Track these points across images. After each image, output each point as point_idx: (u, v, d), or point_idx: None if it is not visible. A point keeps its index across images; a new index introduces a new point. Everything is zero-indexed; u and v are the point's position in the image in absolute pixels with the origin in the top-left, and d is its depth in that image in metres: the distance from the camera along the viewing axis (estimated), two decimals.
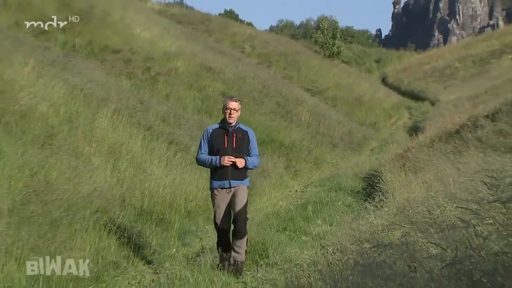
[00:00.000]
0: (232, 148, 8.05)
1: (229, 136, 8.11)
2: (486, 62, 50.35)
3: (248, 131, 8.34)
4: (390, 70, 63.75)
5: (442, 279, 3.43)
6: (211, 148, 8.18)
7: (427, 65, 60.05)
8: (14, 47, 15.42)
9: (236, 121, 8.23)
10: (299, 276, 6.28)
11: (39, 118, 11.53)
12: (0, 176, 8.61)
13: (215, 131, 8.23)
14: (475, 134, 15.17)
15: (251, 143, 8.30)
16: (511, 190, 4.33)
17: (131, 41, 24.23)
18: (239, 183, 8.15)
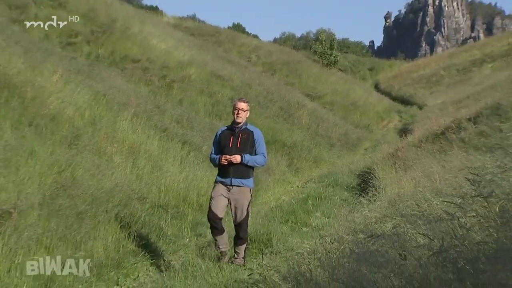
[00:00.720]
0: (236, 148, 7.79)
1: (235, 136, 7.88)
2: (468, 70, 50.24)
3: (254, 131, 8.01)
4: (382, 77, 63.55)
5: (430, 266, 3.44)
6: (219, 148, 7.97)
7: (415, 73, 59.88)
8: (44, 57, 15.46)
9: (244, 122, 7.95)
10: (300, 264, 6.28)
11: (66, 121, 11.56)
12: (31, 173, 8.65)
13: (223, 132, 8.04)
14: (458, 135, 15.16)
15: (256, 142, 7.96)
16: (491, 186, 4.33)
17: (148, 51, 24.25)
18: (241, 182, 7.82)
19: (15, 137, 9.40)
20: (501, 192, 4.26)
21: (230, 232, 8.43)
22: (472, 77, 44.95)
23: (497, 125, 13.79)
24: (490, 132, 13.59)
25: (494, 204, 4.08)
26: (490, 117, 15.45)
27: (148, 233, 9.36)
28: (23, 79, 11.84)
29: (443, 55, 75.25)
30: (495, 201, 4.09)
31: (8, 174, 8.20)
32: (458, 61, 57.29)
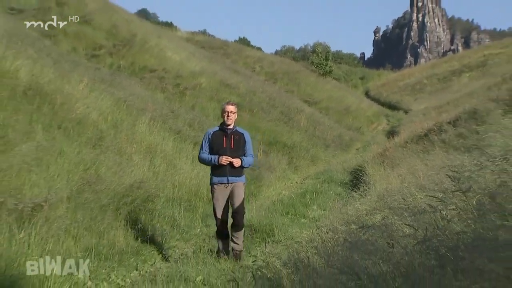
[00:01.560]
0: (230, 149, 7.60)
1: (227, 137, 7.66)
2: (448, 79, 50.21)
3: (244, 134, 7.87)
4: (372, 85, 63.59)
5: (415, 254, 3.43)
6: (211, 148, 7.69)
7: (401, 82, 59.90)
8: (72, 68, 15.48)
9: (234, 124, 7.78)
10: (299, 251, 6.27)
11: (91, 124, 11.56)
12: (60, 171, 8.66)
13: (215, 133, 7.74)
14: (440, 137, 15.13)
15: (247, 144, 7.81)
16: (469, 182, 4.32)
17: (164, 62, 24.27)
18: (236, 180, 7.68)
19: (46, 138, 9.41)
20: (478, 187, 4.25)
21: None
22: (452, 85, 44.93)
23: (474, 128, 13.76)
24: (468, 134, 13.57)
25: (472, 198, 4.07)
26: (468, 120, 15.43)
27: (163, 224, 9.37)
28: (53, 87, 11.85)
29: (425, 66, 75.29)
30: (472, 196, 4.08)
31: (40, 172, 8.21)
32: (439, 71, 57.29)
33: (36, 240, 6.50)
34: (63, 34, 22.53)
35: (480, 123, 13.84)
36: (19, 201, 6.88)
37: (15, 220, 6.56)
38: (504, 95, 16.52)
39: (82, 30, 23.66)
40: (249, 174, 14.19)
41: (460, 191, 4.18)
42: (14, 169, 7.79)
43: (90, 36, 23.46)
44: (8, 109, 9.74)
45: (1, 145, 8.36)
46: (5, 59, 11.33)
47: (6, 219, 6.44)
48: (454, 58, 67.80)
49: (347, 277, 3.65)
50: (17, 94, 10.51)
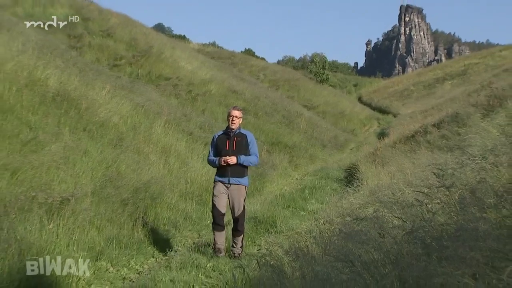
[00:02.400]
0: (232, 150, 7.25)
1: (230, 140, 7.33)
2: (433, 86, 50.10)
3: (247, 135, 7.51)
4: (364, 92, 63.40)
5: (403, 243, 3.43)
6: (216, 151, 7.40)
7: (391, 88, 59.81)
8: (95, 76, 15.50)
9: (238, 127, 7.45)
10: (299, 241, 6.26)
11: (112, 127, 11.58)
12: (85, 168, 8.67)
13: (220, 137, 7.47)
14: (425, 138, 15.09)
15: (250, 144, 7.43)
16: (452, 178, 4.32)
17: (178, 71, 24.27)
18: (237, 181, 7.31)
19: (72, 139, 9.43)
20: (459, 183, 4.25)
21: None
22: (436, 91, 44.84)
23: (456, 130, 13.73)
24: (450, 135, 13.54)
25: (454, 193, 4.06)
26: (450, 123, 15.39)
27: (177, 216, 9.38)
28: (78, 93, 11.87)
29: (412, 74, 75.13)
30: (455, 191, 4.08)
31: (67, 169, 8.23)
32: (424, 79, 57.20)
33: (63, 231, 6.52)
34: (87, 46, 22.59)
35: (461, 126, 13.81)
36: (49, 195, 6.89)
37: (45, 213, 6.57)
38: (482, 101, 16.48)
39: (105, 43, 23.71)
40: (254, 171, 14.19)
41: (444, 187, 4.17)
42: (44, 166, 7.81)
43: (112, 48, 23.50)
44: (39, 113, 9.77)
45: (33, 145, 8.38)
46: (36, 69, 11.36)
47: (37, 212, 6.46)
48: (438, 67, 67.67)
49: (342, 264, 3.65)
50: (47, 100, 10.53)
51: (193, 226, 9.46)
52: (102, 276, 6.49)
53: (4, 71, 10.18)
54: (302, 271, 4.54)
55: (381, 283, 3.11)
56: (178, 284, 6.17)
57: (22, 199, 6.55)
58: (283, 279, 4.60)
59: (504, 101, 14.24)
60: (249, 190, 12.75)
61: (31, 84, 10.61)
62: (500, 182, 4.06)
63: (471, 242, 2.79)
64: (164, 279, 6.37)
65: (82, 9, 27.35)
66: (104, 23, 25.90)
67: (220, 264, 6.79)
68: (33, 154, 8.06)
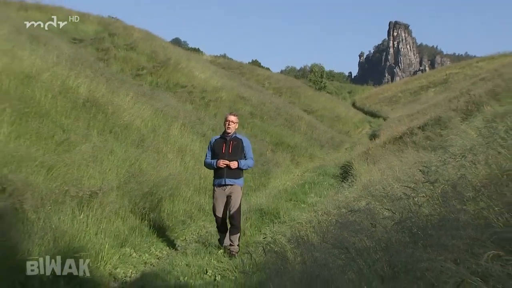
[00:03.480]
0: (228, 153, 6.89)
1: (226, 143, 6.97)
2: (418, 93, 49.86)
3: (242, 139, 7.13)
4: (358, 98, 63.24)
5: (392, 232, 3.42)
6: (213, 154, 7.03)
7: (381, 95, 59.61)
8: (120, 84, 15.53)
9: (234, 131, 7.10)
10: (300, 230, 6.26)
11: (135, 129, 11.59)
12: (111, 166, 8.68)
13: (216, 140, 7.12)
14: (411, 139, 15.06)
15: (245, 148, 7.06)
16: (435, 175, 4.30)
17: (192, 80, 24.29)
18: (233, 182, 6.90)
19: (100, 140, 9.44)
20: (442, 179, 4.23)
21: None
22: (421, 98, 44.64)
23: (438, 132, 13.70)
24: (434, 136, 13.51)
25: (438, 187, 4.05)
26: (434, 126, 15.38)
27: (192, 208, 9.38)
28: (105, 100, 11.89)
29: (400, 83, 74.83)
30: (438, 186, 4.07)
31: (95, 166, 8.24)
32: (410, 86, 56.97)
33: (92, 220, 6.53)
34: (113, 58, 22.67)
35: (443, 128, 13.78)
36: (80, 189, 6.90)
37: (77, 205, 6.59)
38: (462, 106, 16.46)
39: (129, 55, 23.78)
40: (260, 168, 14.21)
41: (428, 182, 4.16)
42: (76, 164, 7.82)
43: (135, 60, 23.56)
44: (71, 117, 9.79)
45: (65, 146, 8.40)
46: (69, 78, 11.39)
47: (69, 204, 6.48)
48: (422, 76, 67.47)
49: (338, 250, 3.64)
50: (78, 105, 10.55)
51: (206, 217, 9.46)
52: (126, 261, 6.51)
53: (41, 80, 10.22)
54: (302, 257, 4.54)
55: (373, 267, 3.11)
56: (193, 268, 6.19)
57: (56, 193, 6.57)
58: (286, 264, 4.60)
59: (480, 106, 14.23)
60: (255, 184, 12.87)
61: (64, 91, 10.64)
62: (478, 178, 4.04)
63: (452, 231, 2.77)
64: (180, 264, 6.39)
65: (109, 25, 27.58)
66: (128, 38, 25.98)
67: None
68: (66, 153, 8.08)
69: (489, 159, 4.21)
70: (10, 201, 5.69)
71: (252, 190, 12.28)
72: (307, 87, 48.08)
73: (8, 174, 6.19)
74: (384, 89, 67.68)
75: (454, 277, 2.31)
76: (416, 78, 68.78)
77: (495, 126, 5.03)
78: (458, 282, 2.29)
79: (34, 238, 5.42)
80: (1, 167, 6.50)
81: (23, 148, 7.40)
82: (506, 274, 2.17)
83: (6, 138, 7.44)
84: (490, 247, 2.50)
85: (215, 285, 5.73)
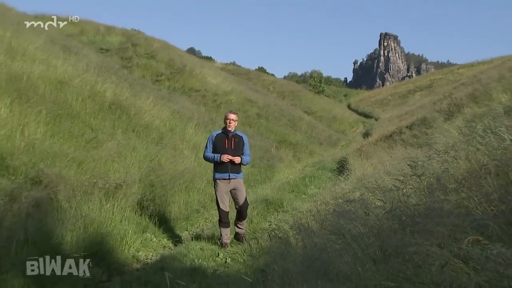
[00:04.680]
0: (231, 149, 6.56)
1: (228, 139, 6.61)
2: (406, 96, 49.60)
3: (243, 136, 6.80)
4: (352, 100, 62.93)
5: (384, 220, 3.42)
6: (215, 148, 6.63)
7: (373, 98, 59.37)
8: (142, 89, 15.57)
9: (234, 129, 6.72)
10: (301, 218, 6.26)
11: (155, 128, 11.61)
12: (134, 161, 8.71)
13: (218, 135, 6.70)
14: (400, 137, 15.00)
15: (245, 146, 6.73)
16: (422, 169, 4.29)
17: (205, 85, 24.30)
18: (236, 176, 6.59)
19: (124, 138, 9.47)
20: (428, 172, 4.22)
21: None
22: (408, 100, 44.44)
23: (424, 131, 13.62)
24: (420, 135, 13.43)
25: (424, 180, 4.04)
26: (420, 125, 15.30)
27: (205, 198, 9.38)
28: (129, 102, 11.93)
29: (390, 87, 74.60)
30: (424, 178, 4.06)
31: (120, 161, 8.27)
32: (399, 90, 56.72)
33: (117, 209, 6.57)
34: (136, 65, 22.77)
35: (428, 127, 13.71)
36: (106, 181, 6.94)
37: (104, 195, 6.63)
38: (444, 108, 16.38)
39: (149, 63, 23.86)
40: (265, 163, 14.19)
41: (416, 175, 4.15)
42: (102, 159, 7.86)
43: (154, 67, 23.63)
44: (98, 118, 9.83)
45: (93, 143, 8.44)
46: (96, 83, 11.44)
47: (97, 194, 6.51)
48: (410, 81, 67.13)
49: (336, 236, 3.64)
50: (105, 107, 10.59)
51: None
52: (147, 245, 6.55)
53: (72, 86, 10.26)
54: (304, 242, 4.54)
55: (366, 251, 3.11)
56: (206, 251, 6.20)
57: (86, 185, 6.61)
58: (289, 248, 4.61)
59: (461, 108, 14.17)
60: (261, 177, 12.87)
61: (93, 95, 10.68)
62: (459, 172, 4.03)
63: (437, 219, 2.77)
64: (195, 248, 6.40)
65: (132, 36, 27.70)
66: (148, 48, 26.08)
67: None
68: (94, 150, 8.12)
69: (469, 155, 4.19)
70: (46, 192, 5.74)
71: (259, 183, 12.27)
72: (307, 91, 47.99)
73: (44, 168, 6.24)
74: (376, 92, 67.48)
75: (438, 260, 2.31)
76: (404, 83, 68.56)
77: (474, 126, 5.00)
78: (442, 264, 2.29)
79: (67, 224, 5.46)
80: (38, 162, 6.55)
81: (57, 145, 7.45)
82: (485, 257, 2.18)
83: (42, 137, 7.49)
84: (470, 233, 2.50)
85: (226, 266, 5.75)
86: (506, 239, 2.42)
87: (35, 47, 11.75)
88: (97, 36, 26.42)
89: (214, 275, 5.32)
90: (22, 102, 8.09)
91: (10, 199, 5.21)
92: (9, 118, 7.33)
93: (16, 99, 8.03)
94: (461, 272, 2.24)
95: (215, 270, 5.53)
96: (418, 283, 2.38)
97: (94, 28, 27.49)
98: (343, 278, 2.88)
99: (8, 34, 11.40)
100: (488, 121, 4.98)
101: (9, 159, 6.31)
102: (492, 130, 4.29)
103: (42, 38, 13.26)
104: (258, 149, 15.54)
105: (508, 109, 7.51)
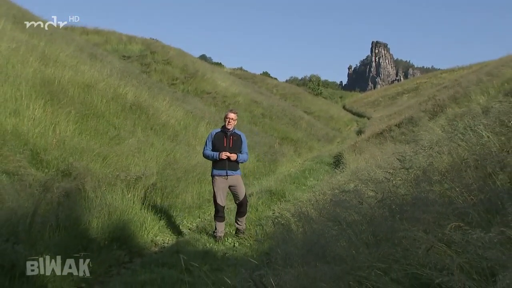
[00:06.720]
0: (229, 147, 6.19)
1: (227, 138, 6.24)
2: (395, 98, 49.42)
3: (241, 135, 6.43)
4: (347, 102, 62.70)
5: (375, 208, 3.41)
6: (214, 146, 6.27)
7: (365, 99, 59.21)
8: (159, 91, 15.59)
9: (233, 127, 6.36)
10: (301, 207, 6.25)
11: (170, 127, 11.63)
12: (152, 156, 8.73)
13: (217, 134, 6.34)
14: (390, 134, 14.97)
15: (243, 144, 6.35)
16: (410, 162, 4.27)
17: (215, 87, 24.31)
18: (233, 173, 6.23)
19: (143, 136, 9.50)
20: (415, 166, 4.20)
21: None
22: (397, 102, 44.28)
23: (411, 128, 13.59)
24: (407, 132, 13.40)
25: (411, 173, 4.03)
26: (407, 124, 15.27)
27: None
28: (147, 103, 11.95)
29: (380, 90, 74.36)
30: (411, 171, 4.05)
31: (139, 156, 8.30)
32: (389, 93, 56.54)
33: (138, 199, 6.58)
34: (154, 71, 22.84)
35: (415, 125, 13.68)
36: (128, 174, 6.96)
37: (125, 186, 6.64)
38: (429, 108, 16.34)
39: (165, 68, 23.88)
40: (269, 158, 14.18)
41: (404, 168, 4.14)
42: (124, 154, 7.89)
43: (170, 72, 23.65)
44: (120, 117, 9.86)
45: (116, 140, 8.48)
46: (119, 87, 11.48)
47: (120, 186, 6.53)
48: (398, 85, 66.95)
49: (332, 223, 3.64)
50: (126, 108, 10.62)
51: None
52: (164, 231, 6.56)
53: (98, 88, 10.30)
54: (304, 228, 4.54)
55: (360, 236, 3.11)
56: None
57: (109, 177, 6.64)
58: (290, 234, 4.61)
59: (444, 108, 14.14)
60: (265, 171, 12.86)
61: (116, 97, 10.71)
62: (442, 165, 4.01)
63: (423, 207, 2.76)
64: (207, 233, 6.42)
65: (151, 45, 27.80)
66: (165, 54, 26.10)
67: (246, 223, 6.79)
68: (117, 146, 8.16)
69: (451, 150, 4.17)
70: (74, 183, 5.78)
71: (263, 175, 12.26)
72: (307, 93, 47.93)
73: (73, 162, 6.29)
74: (368, 95, 67.34)
75: (424, 244, 2.31)
76: (393, 86, 68.36)
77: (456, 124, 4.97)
78: (428, 247, 2.29)
79: (93, 212, 5.49)
80: (68, 156, 6.60)
81: (84, 142, 7.49)
82: (465, 241, 2.18)
83: (71, 134, 7.54)
84: (452, 220, 2.49)
85: (234, 250, 5.76)
86: (484, 225, 2.42)
87: (66, 55, 11.80)
88: (120, 44, 26.49)
89: (223, 258, 5.34)
90: (54, 103, 8.14)
91: (43, 189, 5.25)
92: (43, 118, 7.38)
93: (48, 101, 8.08)
94: (444, 255, 2.25)
95: (225, 253, 5.54)
96: (406, 264, 2.38)
97: (117, 37, 27.57)
98: (339, 260, 2.88)
99: (42, 44, 11.46)
100: (468, 120, 4.96)
101: (43, 154, 6.37)
102: (471, 128, 4.27)
103: (71, 47, 13.32)
104: (263, 145, 15.53)
105: (485, 109, 7.46)
